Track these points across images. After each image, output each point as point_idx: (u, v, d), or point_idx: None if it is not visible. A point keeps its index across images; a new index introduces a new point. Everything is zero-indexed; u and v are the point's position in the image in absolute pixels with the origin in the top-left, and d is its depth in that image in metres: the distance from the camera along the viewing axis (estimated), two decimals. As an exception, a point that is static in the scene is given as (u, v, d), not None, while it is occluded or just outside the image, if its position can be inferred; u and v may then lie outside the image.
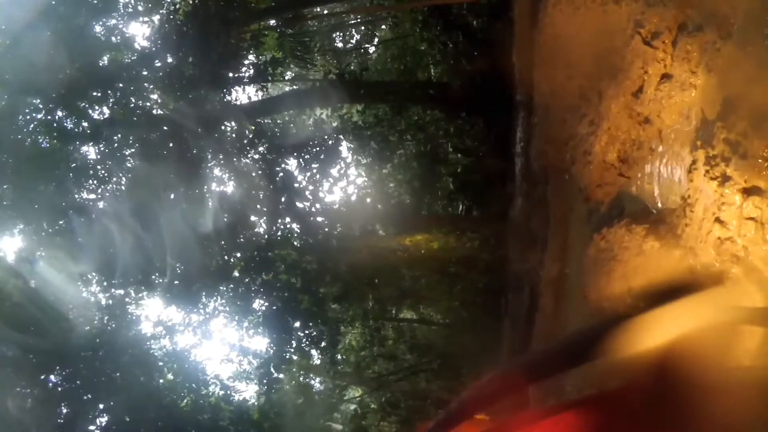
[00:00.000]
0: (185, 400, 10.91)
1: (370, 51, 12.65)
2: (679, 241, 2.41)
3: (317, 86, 11.01)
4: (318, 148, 10.96)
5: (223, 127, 11.04)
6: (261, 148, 11.00)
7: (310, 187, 11.28)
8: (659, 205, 2.80)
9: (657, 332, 0.97)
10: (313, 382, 14.93)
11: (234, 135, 10.96)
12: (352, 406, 13.04)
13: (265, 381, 11.69)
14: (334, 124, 11.62)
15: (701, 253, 2.25)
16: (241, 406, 11.48)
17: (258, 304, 11.94)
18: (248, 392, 12.68)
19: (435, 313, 15.10)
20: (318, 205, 11.27)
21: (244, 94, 11.74)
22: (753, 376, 0.94)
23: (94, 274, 10.74)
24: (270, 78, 10.77)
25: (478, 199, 11.28)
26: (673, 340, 0.96)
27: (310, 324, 12.77)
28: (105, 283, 10.94)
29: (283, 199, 11.00)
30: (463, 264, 11.95)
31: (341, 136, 11.34)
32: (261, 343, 13.40)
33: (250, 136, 10.82)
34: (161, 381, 11.08)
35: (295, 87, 12.33)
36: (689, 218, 2.39)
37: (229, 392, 11.63)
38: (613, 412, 1.12)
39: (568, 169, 4.44)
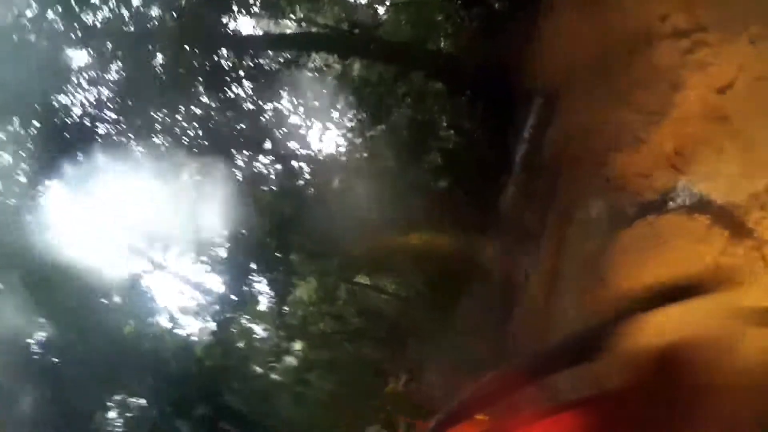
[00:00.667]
0: (129, 326, 10.63)
1: (381, 11, 12.40)
2: (752, 233, 2.57)
3: (327, 33, 10.73)
4: (314, 95, 10.75)
5: (219, 52, 10.63)
6: (255, 82, 10.69)
7: (299, 133, 11.08)
8: (718, 201, 2.96)
9: (658, 333, 0.99)
10: (258, 328, 14.86)
11: (230, 63, 10.58)
12: (294, 360, 13.08)
13: (214, 319, 11.54)
14: (336, 74, 11.38)
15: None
16: (185, 341, 11.29)
17: (221, 239, 11.74)
18: (194, 328, 12.51)
19: (392, 284, 15.26)
20: (304, 152, 11.10)
21: (250, 23, 11.34)
22: (754, 376, 0.96)
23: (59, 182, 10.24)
24: (281, 13, 10.43)
25: (465, 180, 11.40)
26: (674, 341, 0.98)
27: (269, 269, 12.68)
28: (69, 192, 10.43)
29: (268, 138, 10.78)
30: (437, 243, 12.13)
31: (340, 89, 11.14)
32: (216, 281, 13.21)
33: (247, 68, 10.48)
34: (106, 302, 10.74)
35: (303, 29, 11.96)
36: (764, 214, 2.54)
37: (175, 325, 11.41)
38: (612, 412, 1.14)
39: (597, 157, 4.58)
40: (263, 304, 14.43)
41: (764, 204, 2.66)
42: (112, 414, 10.36)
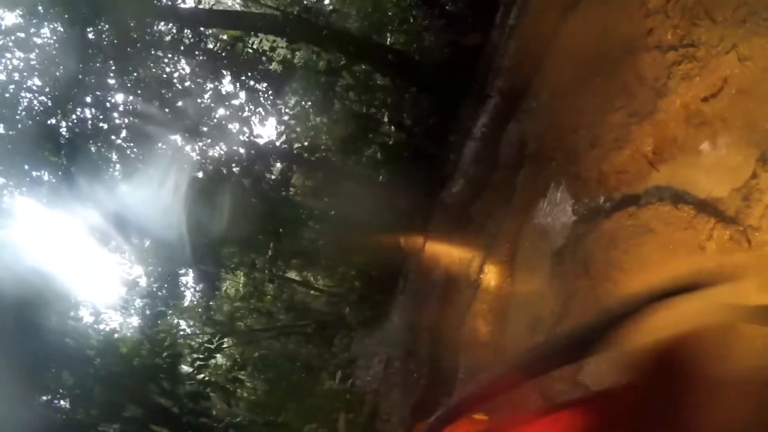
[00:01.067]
0: (53, 319, 9.74)
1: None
2: (736, 221, 2.85)
3: (277, 14, 10.43)
4: (258, 78, 10.40)
5: (159, 26, 10.05)
6: (195, 59, 10.18)
7: (239, 114, 10.70)
8: (700, 196, 3.24)
9: (656, 330, 1.00)
10: (186, 325, 14.21)
11: (170, 37, 10.00)
12: (225, 359, 12.65)
13: (138, 313, 10.88)
14: (282, 59, 11.10)
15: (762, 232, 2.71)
16: (110, 336, 10.53)
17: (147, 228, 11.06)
18: (120, 325, 11.73)
19: (321, 279, 15.19)
20: (243, 137, 10.72)
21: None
22: (755, 375, 0.98)
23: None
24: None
25: (402, 175, 11.57)
26: (672, 339, 0.99)
27: (197, 261, 12.18)
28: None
29: (206, 118, 10.30)
30: (370, 235, 12.19)
31: (286, 73, 10.88)
32: (140, 274, 12.45)
33: (188, 43, 9.94)
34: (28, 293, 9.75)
35: (250, 7, 11.56)
36: (749, 203, 2.83)
37: (99, 320, 10.61)
38: (612, 411, 1.14)
39: (573, 155, 4.84)
40: (189, 299, 13.87)
41: (747, 195, 2.94)
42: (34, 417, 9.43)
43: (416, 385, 7.32)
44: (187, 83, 10.42)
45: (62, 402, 9.31)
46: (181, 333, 13.03)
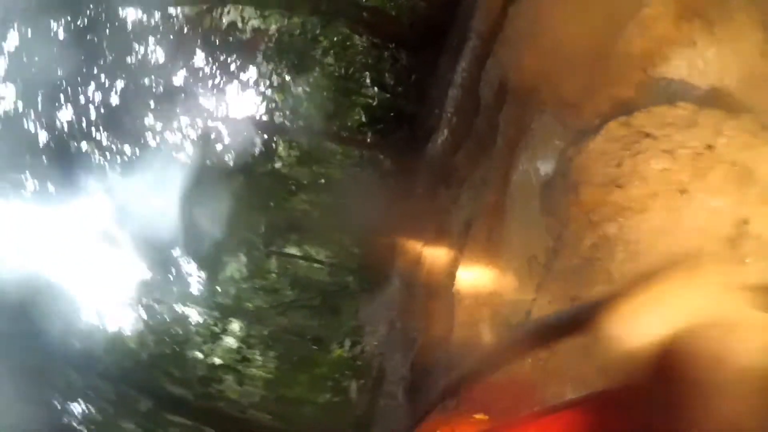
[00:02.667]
0: (55, 325, 9.47)
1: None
2: (747, 108, 2.40)
3: None
4: (230, 50, 9.84)
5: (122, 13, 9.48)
6: (163, 38, 9.62)
7: (215, 90, 10.17)
8: (702, 86, 2.79)
9: (656, 323, 0.94)
10: (191, 312, 13.90)
11: (136, 21, 9.44)
12: (233, 340, 12.38)
13: (141, 307, 10.58)
14: (254, 26, 10.51)
15: None
16: (117, 334, 10.24)
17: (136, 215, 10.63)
18: (124, 321, 11.41)
19: (321, 250, 14.84)
20: (220, 112, 10.20)
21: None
22: (756, 373, 0.92)
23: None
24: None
25: (388, 135, 11.11)
26: (673, 335, 0.93)
27: (191, 250, 11.82)
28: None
29: (182, 97, 9.78)
30: (361, 199, 11.78)
31: (260, 42, 10.30)
32: (139, 267, 12.07)
33: (154, 24, 9.38)
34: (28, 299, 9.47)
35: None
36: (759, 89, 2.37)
37: (103, 319, 10.30)
38: (612, 410, 1.09)
39: (556, 78, 4.36)
40: (194, 287, 13.56)
41: (757, 83, 2.46)
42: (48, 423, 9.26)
43: (414, 343, 7.02)
44: (160, 66, 9.85)
45: (74, 405, 9.10)
46: (192, 321, 12.75)
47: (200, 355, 10.27)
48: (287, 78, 10.77)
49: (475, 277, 5.89)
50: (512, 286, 4.45)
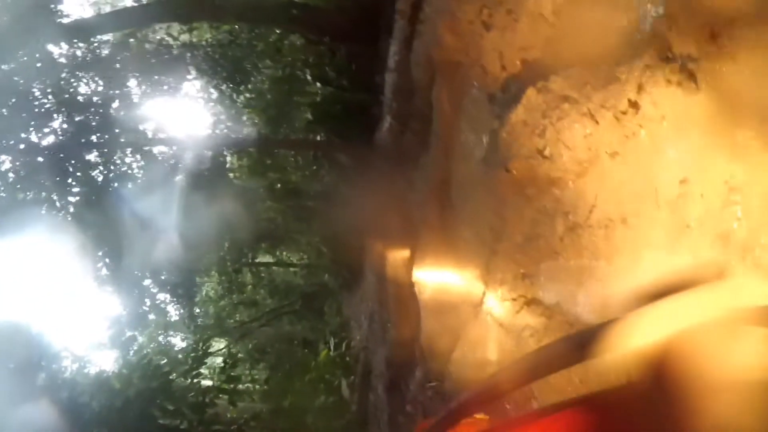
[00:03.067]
0: (40, 377, 9.11)
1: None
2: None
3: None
4: (163, 69, 9.42)
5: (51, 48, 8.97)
6: (94, 70, 9.15)
7: (153, 113, 9.78)
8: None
9: (656, 328, 0.96)
10: (173, 339, 13.61)
11: (63, 55, 8.95)
12: (219, 359, 12.13)
13: (120, 344, 10.24)
14: (183, 42, 10.08)
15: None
16: (100, 376, 9.91)
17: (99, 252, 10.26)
18: (105, 361, 11.10)
19: (293, 254, 14.61)
20: (163, 135, 9.80)
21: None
22: (754, 376, 0.92)
23: None
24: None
25: (338, 130, 10.85)
26: (673, 339, 0.94)
27: (162, 276, 11.49)
28: None
29: (117, 131, 9.34)
30: (322, 198, 11.55)
31: (191, 57, 9.88)
32: (111, 304, 11.75)
33: (82, 57, 8.90)
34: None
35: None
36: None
37: (84, 364, 9.96)
38: (611, 411, 1.10)
39: (474, 49, 4.19)
40: (171, 313, 13.26)
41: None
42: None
43: (388, 334, 6.89)
44: (92, 97, 9.40)
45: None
46: (174, 348, 12.45)
47: (188, 382, 9.96)
48: (225, 89, 10.41)
49: (432, 265, 5.75)
50: (466, 269, 4.31)
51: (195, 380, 10.21)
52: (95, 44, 9.79)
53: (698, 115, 2.16)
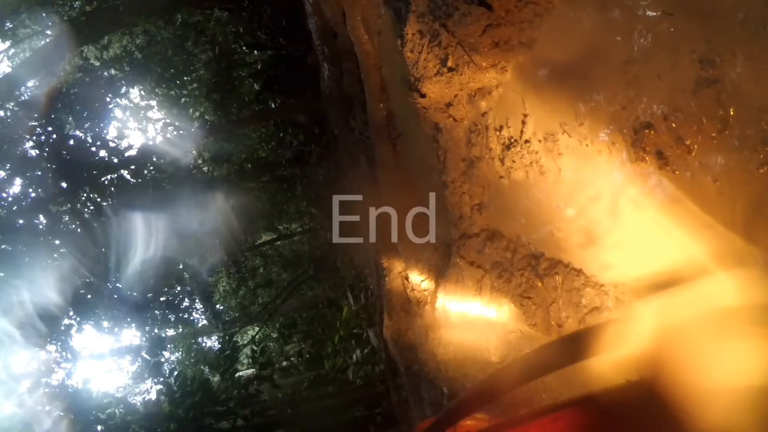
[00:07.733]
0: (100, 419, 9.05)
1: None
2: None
3: (63, 27, 8.38)
4: (90, 94, 8.60)
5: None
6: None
7: (96, 137, 9.02)
8: None
9: (651, 328, 0.92)
10: (208, 343, 13.51)
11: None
12: (252, 347, 12.01)
13: (153, 367, 10.06)
14: (106, 59, 9.19)
15: None
16: (148, 406, 9.78)
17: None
18: (147, 391, 10.96)
19: (290, 224, 14.15)
20: (114, 156, 9.08)
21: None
22: (750, 377, 0.84)
23: None
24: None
25: (289, 90, 10.05)
26: (668, 340, 0.91)
27: (175, 290, 11.15)
28: None
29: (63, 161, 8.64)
30: (295, 163, 10.94)
31: (114, 71, 9.01)
32: (128, 335, 11.48)
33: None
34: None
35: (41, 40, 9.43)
36: None
37: (128, 402, 9.81)
38: (610, 411, 1.08)
39: None
40: (197, 319, 13.06)
41: None
42: None
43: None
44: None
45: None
46: (211, 352, 12.30)
47: (227, 381, 9.79)
48: (167, 89, 9.54)
49: (391, 205, 5.17)
50: (422, 207, 3.72)
51: (234, 376, 10.08)
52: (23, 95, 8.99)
53: None
